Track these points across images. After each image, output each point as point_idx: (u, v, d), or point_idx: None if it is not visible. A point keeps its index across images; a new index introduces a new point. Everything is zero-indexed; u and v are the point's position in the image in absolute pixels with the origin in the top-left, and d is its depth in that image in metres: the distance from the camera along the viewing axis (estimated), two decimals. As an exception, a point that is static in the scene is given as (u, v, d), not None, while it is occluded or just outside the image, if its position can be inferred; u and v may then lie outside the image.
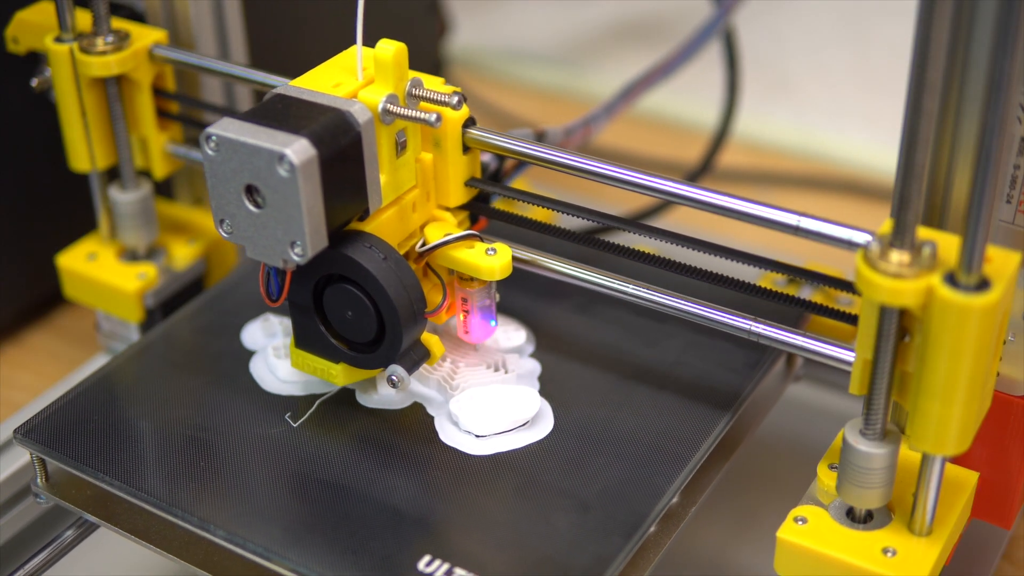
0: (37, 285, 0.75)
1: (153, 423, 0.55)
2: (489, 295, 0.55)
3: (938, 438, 0.44)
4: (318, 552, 0.48)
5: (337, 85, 0.51)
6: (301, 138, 0.47)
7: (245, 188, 0.48)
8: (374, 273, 0.50)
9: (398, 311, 0.50)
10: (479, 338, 0.55)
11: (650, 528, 0.49)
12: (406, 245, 0.54)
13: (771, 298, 0.52)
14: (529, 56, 1.08)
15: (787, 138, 0.95)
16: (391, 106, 0.50)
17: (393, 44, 0.50)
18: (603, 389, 0.56)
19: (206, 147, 0.48)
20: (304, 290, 0.52)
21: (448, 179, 0.54)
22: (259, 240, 0.49)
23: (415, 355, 0.52)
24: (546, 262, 0.55)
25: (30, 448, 0.54)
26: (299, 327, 0.53)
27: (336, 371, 0.53)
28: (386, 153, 0.51)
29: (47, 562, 0.55)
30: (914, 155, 0.42)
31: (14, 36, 0.64)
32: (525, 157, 0.53)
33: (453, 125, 0.53)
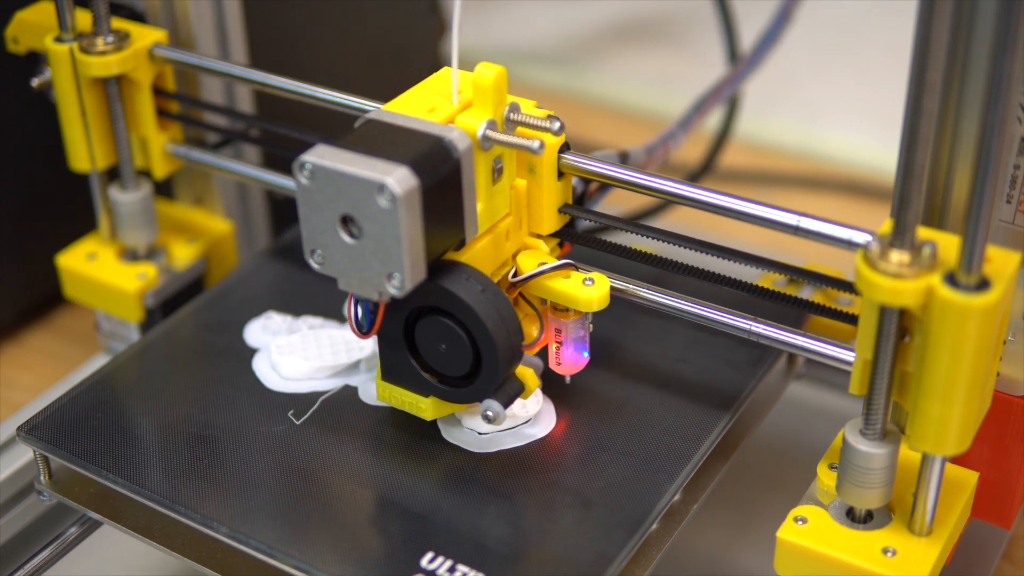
0: (37, 285, 0.75)
1: (156, 421, 0.55)
2: (583, 326, 0.53)
3: (938, 438, 0.44)
4: (321, 549, 0.48)
5: (432, 110, 0.49)
6: (402, 167, 0.45)
7: (340, 218, 0.46)
8: (473, 306, 0.48)
9: (496, 345, 0.48)
10: (571, 370, 0.54)
11: (652, 525, 0.49)
12: (499, 274, 0.52)
13: (771, 298, 0.52)
14: (529, 56, 1.08)
15: (787, 138, 0.95)
16: (491, 132, 0.49)
17: (493, 68, 0.49)
18: (606, 387, 0.56)
19: (300, 176, 0.46)
20: (395, 322, 0.50)
21: (542, 206, 0.52)
22: (354, 272, 0.47)
23: (510, 389, 0.50)
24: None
25: (33, 446, 0.54)
26: (387, 360, 0.52)
27: (425, 404, 0.52)
28: (483, 180, 0.49)
29: (50, 560, 0.55)
30: (914, 155, 0.42)
31: (14, 36, 0.64)
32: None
33: (550, 151, 0.51)
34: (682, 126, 0.67)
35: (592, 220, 0.53)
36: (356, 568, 0.47)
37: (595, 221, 0.53)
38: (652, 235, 0.52)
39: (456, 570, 0.47)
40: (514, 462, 0.52)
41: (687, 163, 0.86)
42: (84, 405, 0.55)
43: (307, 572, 0.48)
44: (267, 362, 0.57)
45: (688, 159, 0.87)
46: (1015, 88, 0.40)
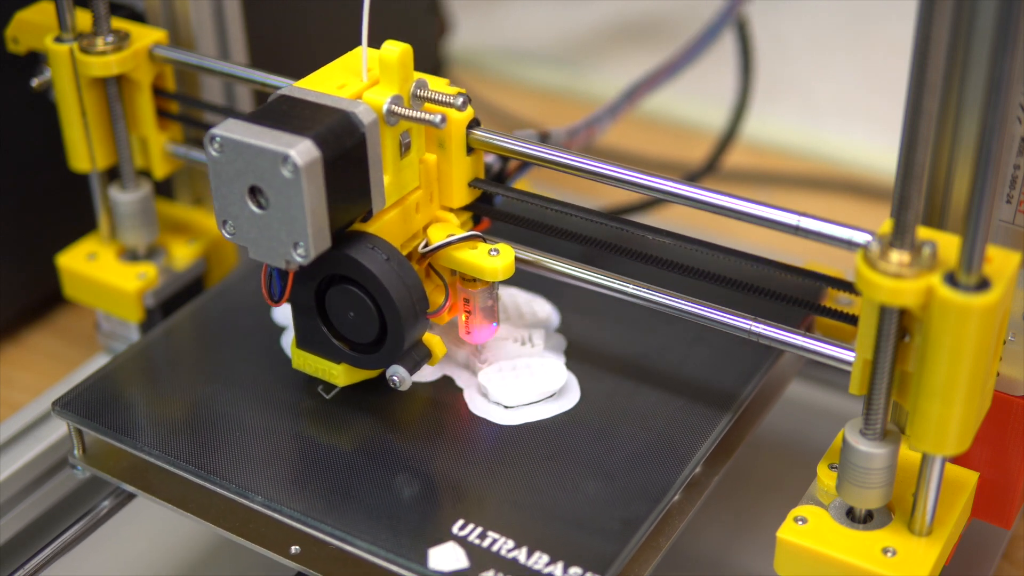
0: (37, 285, 0.75)
1: (189, 395, 0.56)
2: (491, 296, 0.55)
3: (938, 438, 0.44)
4: (355, 517, 0.49)
5: (342, 86, 0.51)
6: (305, 139, 0.47)
7: (249, 189, 0.48)
8: (376, 274, 0.50)
9: (400, 312, 0.50)
10: (480, 339, 0.56)
11: (675, 496, 0.50)
12: (409, 246, 0.54)
13: (771, 298, 0.52)
14: (529, 56, 1.08)
15: (788, 138, 0.95)
16: (396, 107, 0.50)
17: (399, 45, 0.50)
18: (627, 363, 0.57)
19: (210, 148, 0.48)
20: (306, 291, 0.52)
21: (452, 180, 0.54)
22: (262, 241, 0.49)
23: (416, 355, 0.53)
24: (549, 263, 0.55)
25: (68, 419, 0.55)
26: (301, 327, 0.53)
27: (337, 371, 0.54)
28: (390, 154, 0.51)
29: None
30: (914, 155, 0.42)
31: (14, 36, 0.64)
32: (528, 158, 0.53)
33: (457, 126, 0.53)
34: (610, 111, 0.68)
35: (503, 195, 0.55)
36: (389, 535, 0.49)
37: (507, 196, 0.55)
38: (652, 235, 0.53)
39: (487, 536, 0.48)
40: (540, 434, 0.53)
41: (690, 163, 0.86)
42: (117, 380, 0.57)
43: (342, 539, 0.49)
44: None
45: (691, 159, 0.87)
46: (1015, 88, 0.40)
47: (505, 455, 0.52)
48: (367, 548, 0.48)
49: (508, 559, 0.47)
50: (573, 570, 0.47)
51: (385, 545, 0.48)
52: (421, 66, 0.53)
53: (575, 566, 0.47)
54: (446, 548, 0.48)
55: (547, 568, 0.47)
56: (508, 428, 0.54)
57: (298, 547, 0.50)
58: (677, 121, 0.98)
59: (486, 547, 0.48)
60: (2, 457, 0.62)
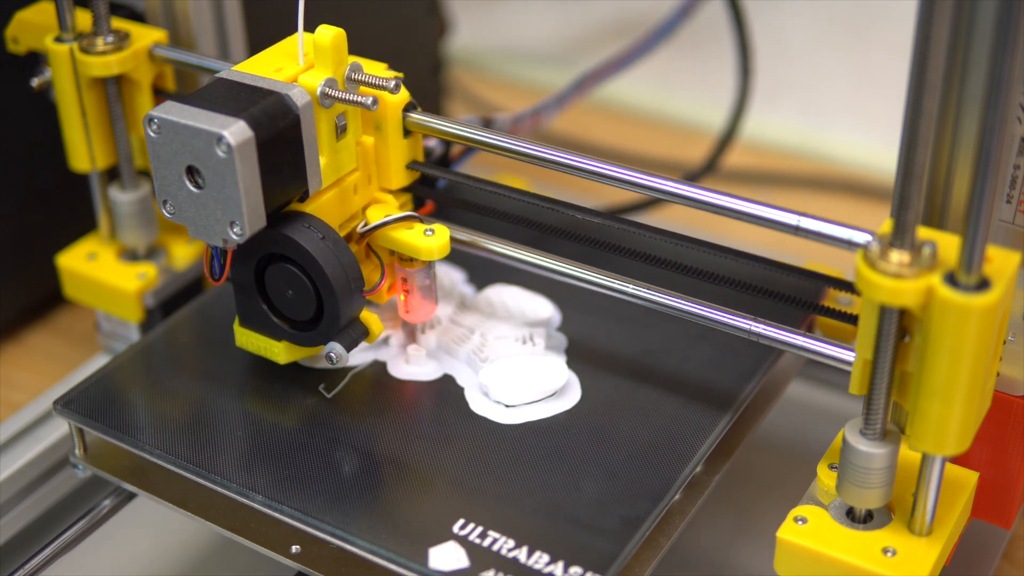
0: (37, 285, 0.75)
1: (189, 395, 0.56)
2: (429, 275, 0.56)
3: (938, 438, 0.44)
4: (355, 516, 0.50)
5: (279, 70, 0.52)
6: (239, 120, 0.48)
7: (186, 169, 0.49)
8: (311, 252, 0.51)
9: (335, 289, 0.51)
10: (420, 317, 0.56)
11: (675, 495, 0.50)
12: (348, 227, 0.55)
13: (771, 298, 0.52)
14: (529, 56, 1.08)
15: (788, 138, 0.95)
16: (329, 90, 0.52)
17: (332, 29, 0.52)
18: (629, 361, 0.57)
19: (149, 129, 0.50)
20: (246, 269, 0.53)
21: (389, 162, 0.55)
22: (200, 220, 0.50)
23: (354, 333, 0.54)
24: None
25: (69, 419, 0.55)
26: (242, 306, 0.55)
27: (278, 349, 0.55)
28: (325, 136, 0.52)
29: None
30: (914, 155, 0.42)
31: (14, 36, 0.64)
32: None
33: (393, 109, 0.54)
34: (557, 100, 0.69)
35: (440, 176, 0.57)
36: (390, 534, 0.49)
37: (446, 178, 0.57)
38: (652, 235, 0.53)
39: (487, 535, 0.48)
40: (540, 433, 0.53)
41: (689, 163, 0.86)
42: (118, 379, 0.57)
43: (342, 539, 0.49)
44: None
45: (691, 159, 0.87)
46: (1015, 88, 0.40)
47: (506, 454, 0.52)
48: (367, 548, 0.48)
49: (509, 558, 0.48)
50: (574, 569, 0.47)
51: (385, 544, 0.48)
52: (421, 66, 0.53)
53: (576, 565, 0.47)
54: (447, 548, 0.48)
55: (548, 567, 0.47)
56: (509, 427, 0.54)
57: (298, 547, 0.50)
58: (677, 121, 0.98)
59: (487, 546, 0.48)
60: (2, 457, 0.62)
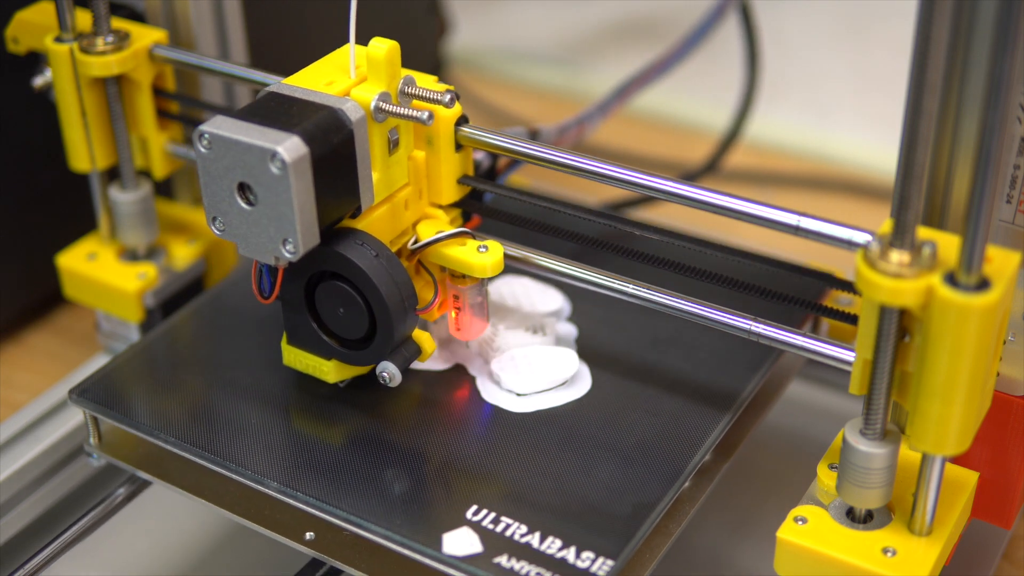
0: (37, 285, 0.75)
1: (204, 383, 0.56)
2: (481, 292, 0.55)
3: (938, 438, 0.44)
4: (370, 503, 0.50)
5: (330, 83, 0.51)
6: (293, 136, 0.47)
7: (238, 186, 0.48)
8: (365, 270, 0.50)
9: (389, 308, 0.51)
10: (470, 336, 0.56)
11: (686, 482, 0.51)
12: (398, 243, 0.54)
13: (771, 298, 0.52)
14: (529, 56, 1.08)
15: (788, 138, 0.95)
16: (384, 104, 0.51)
17: (386, 42, 0.51)
18: (638, 350, 0.57)
19: (199, 145, 0.48)
20: (296, 287, 0.53)
21: (440, 177, 0.55)
22: (251, 237, 0.49)
23: (406, 352, 0.53)
24: (538, 259, 0.55)
25: (84, 407, 0.55)
26: (291, 324, 0.54)
27: (327, 368, 0.54)
28: (378, 151, 0.52)
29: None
30: (914, 155, 0.42)
31: (14, 36, 0.64)
32: (517, 155, 0.54)
33: (445, 123, 0.53)
34: (600, 109, 0.69)
35: (492, 191, 0.56)
36: (404, 519, 0.49)
37: (495, 192, 0.56)
38: (652, 234, 0.53)
39: (500, 521, 0.49)
40: (552, 421, 0.54)
41: (690, 163, 0.86)
42: (133, 368, 0.57)
43: (356, 525, 0.49)
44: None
45: (691, 158, 0.87)
46: (1015, 88, 0.40)
47: (517, 442, 0.53)
48: (382, 533, 0.49)
49: (521, 544, 0.48)
50: (585, 554, 0.47)
51: (399, 531, 0.48)
52: (421, 66, 0.53)
53: (587, 551, 0.47)
54: (460, 533, 0.48)
55: (560, 553, 0.47)
56: (520, 415, 0.54)
57: (312, 533, 0.50)
58: (678, 121, 0.98)
59: (499, 532, 0.48)
60: (2, 457, 0.62)
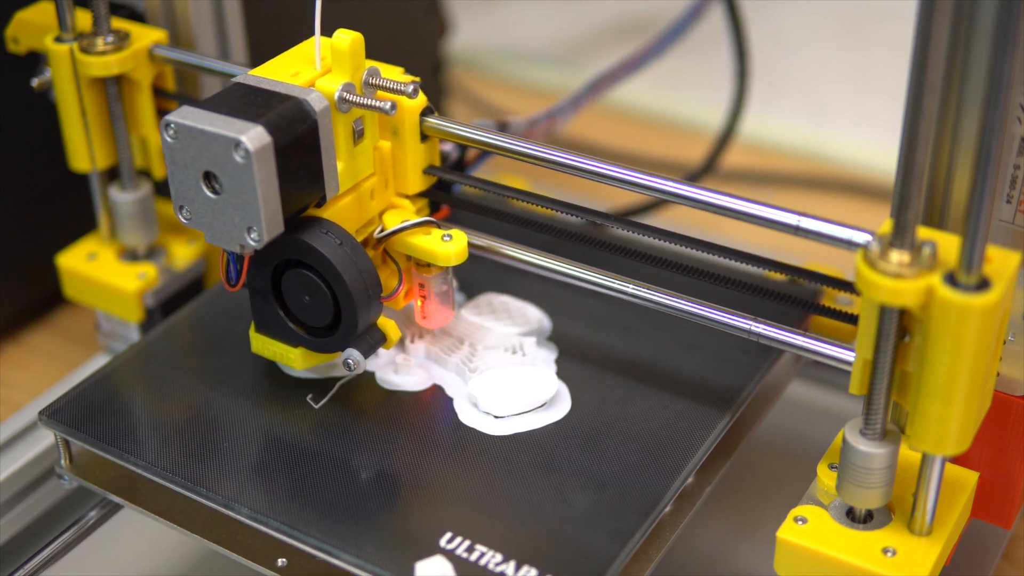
0: (37, 285, 0.75)
1: (177, 405, 0.56)
2: (446, 281, 0.55)
3: (938, 438, 0.44)
4: (342, 529, 0.49)
5: (296, 74, 0.52)
6: (257, 125, 0.48)
7: (203, 174, 0.49)
8: (329, 258, 0.51)
9: (353, 295, 0.51)
10: (437, 323, 0.56)
11: (666, 507, 0.50)
12: (365, 232, 0.55)
13: (771, 298, 0.52)
14: (529, 56, 1.08)
15: (787, 138, 0.95)
16: (347, 94, 0.51)
17: (350, 34, 0.51)
18: (619, 371, 0.57)
19: (165, 134, 0.49)
20: (262, 275, 0.53)
21: (406, 167, 0.55)
22: (217, 226, 0.50)
23: (371, 339, 0.53)
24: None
25: (55, 429, 0.55)
26: (258, 312, 0.54)
27: (295, 355, 0.54)
28: (343, 141, 0.52)
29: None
30: (914, 155, 0.42)
31: (14, 36, 0.64)
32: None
33: (410, 113, 0.54)
34: (572, 103, 0.68)
35: (457, 181, 0.56)
36: (376, 547, 0.48)
37: (462, 183, 0.56)
38: (652, 234, 0.53)
39: (474, 549, 0.48)
40: (530, 445, 0.53)
41: (689, 163, 0.86)
42: (105, 390, 0.57)
43: (328, 552, 0.48)
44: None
45: (690, 158, 0.87)
46: (1015, 88, 0.40)
47: (494, 466, 0.52)
48: (353, 561, 0.48)
49: (496, 573, 0.47)
50: None
51: (371, 558, 0.48)
52: (421, 66, 0.53)
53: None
54: (433, 562, 0.47)
55: None
56: (498, 438, 0.53)
57: (284, 560, 0.50)
58: (676, 121, 0.98)
59: (474, 560, 0.47)
60: (2, 457, 0.62)
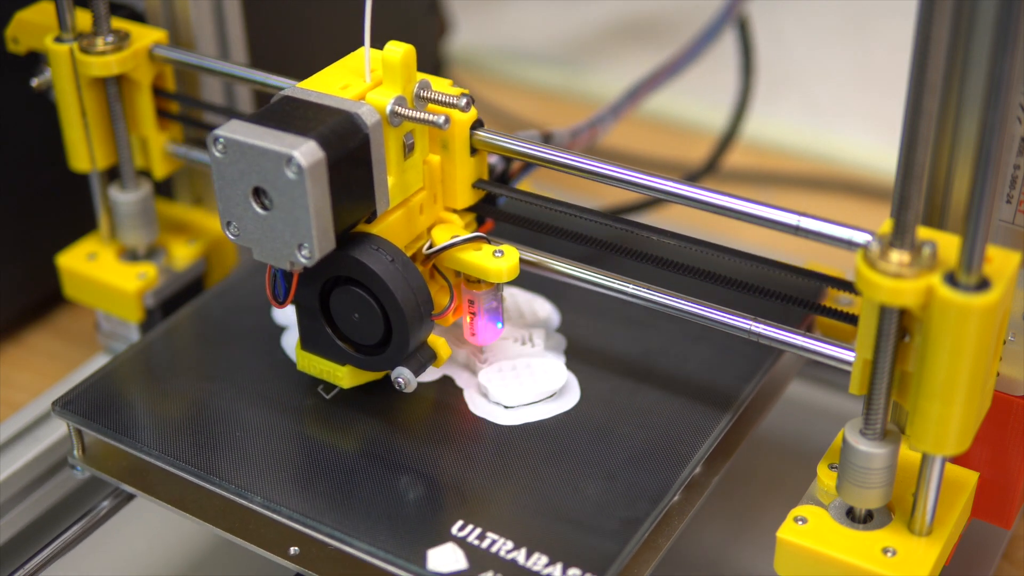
0: (37, 285, 0.75)
1: (189, 395, 0.56)
2: (496, 297, 0.55)
3: (938, 438, 0.44)
4: (354, 518, 0.49)
5: (345, 87, 0.51)
6: (309, 140, 0.47)
7: (253, 190, 0.48)
8: (381, 275, 0.50)
9: (405, 313, 0.50)
10: (485, 340, 0.55)
11: (675, 497, 0.50)
12: (413, 247, 0.54)
13: (771, 298, 0.52)
14: (529, 56, 1.08)
15: (788, 138, 0.95)
16: (399, 108, 0.50)
17: (401, 46, 0.50)
18: (627, 362, 0.57)
19: (214, 149, 0.48)
20: (311, 292, 0.52)
21: (455, 181, 0.54)
22: (266, 242, 0.49)
23: (422, 357, 0.53)
24: (553, 264, 0.55)
25: (68, 419, 0.55)
26: (305, 329, 0.53)
27: (342, 373, 0.54)
28: (394, 155, 0.51)
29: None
30: (914, 155, 0.42)
31: (14, 36, 0.64)
32: (532, 159, 0.53)
33: (461, 127, 0.53)
34: (613, 111, 0.68)
35: (506, 195, 0.55)
36: (389, 535, 0.49)
37: (510, 197, 0.55)
38: (652, 234, 0.53)
39: (486, 537, 0.48)
40: (540, 434, 0.53)
41: (690, 163, 0.86)
42: (117, 380, 0.57)
43: (340, 540, 0.49)
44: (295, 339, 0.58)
45: (691, 159, 0.87)
46: (1015, 88, 0.40)
47: (505, 456, 0.52)
48: (366, 549, 0.48)
49: (507, 560, 0.47)
50: (572, 571, 0.47)
51: (384, 546, 0.48)
52: (421, 66, 0.53)
53: (574, 567, 0.47)
54: (445, 549, 0.48)
55: (546, 569, 0.47)
56: (508, 428, 0.54)
57: (297, 548, 0.50)
58: (677, 121, 0.98)
59: (485, 548, 0.48)
60: (2, 457, 0.62)
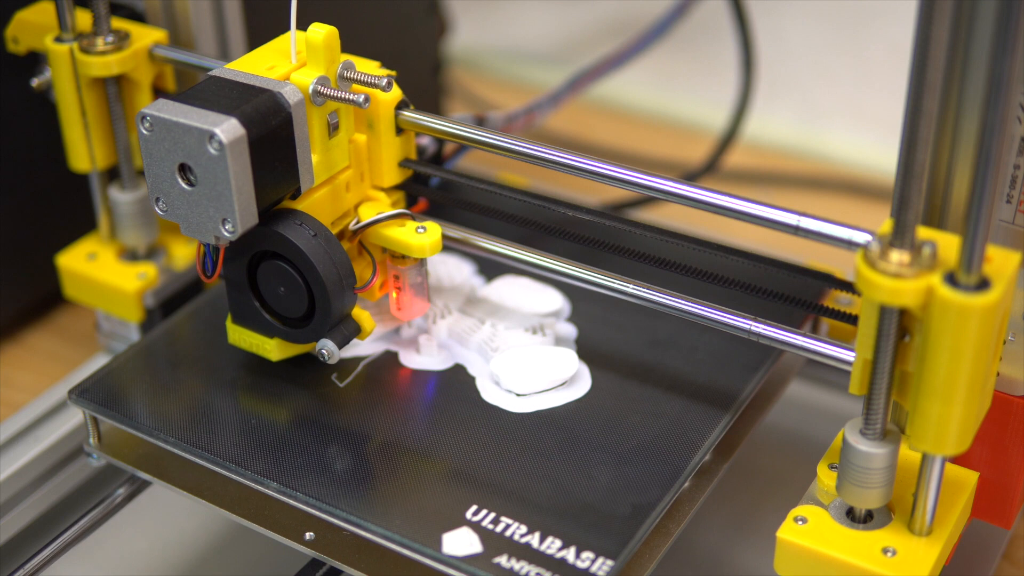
0: (37, 285, 0.75)
1: (204, 383, 0.56)
2: (421, 273, 0.56)
3: (938, 438, 0.44)
4: (370, 503, 0.50)
5: (271, 68, 0.53)
6: (231, 118, 0.49)
7: (179, 167, 0.50)
8: (303, 249, 0.51)
9: (327, 286, 0.52)
10: (411, 315, 0.57)
11: (685, 483, 0.51)
12: (340, 224, 0.55)
13: (771, 298, 0.52)
14: (529, 56, 1.08)
15: (788, 138, 0.95)
16: (322, 88, 0.52)
17: (324, 27, 0.52)
18: (638, 351, 0.57)
19: (141, 127, 0.50)
20: (238, 267, 0.54)
21: (381, 160, 0.55)
22: (192, 217, 0.50)
23: (346, 330, 0.54)
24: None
25: (84, 407, 0.55)
26: (235, 303, 0.55)
27: (270, 345, 0.55)
28: (318, 134, 0.53)
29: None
30: (914, 155, 0.42)
31: (14, 36, 0.64)
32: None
33: (385, 107, 0.54)
34: (551, 99, 0.69)
35: (432, 174, 0.57)
36: (403, 520, 0.49)
37: (438, 175, 0.57)
38: (652, 234, 0.53)
39: (500, 521, 0.49)
40: (552, 422, 0.54)
41: (689, 162, 0.86)
42: (133, 368, 0.57)
43: (356, 525, 0.49)
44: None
45: (691, 158, 0.87)
46: (1015, 88, 0.40)
47: (517, 442, 0.53)
48: (381, 533, 0.49)
49: (521, 544, 0.48)
50: (585, 554, 0.47)
51: (399, 530, 0.49)
52: (421, 66, 0.53)
53: (587, 551, 0.48)
54: (460, 533, 0.48)
55: (560, 553, 0.48)
56: (520, 416, 0.54)
57: (312, 533, 0.51)
58: (677, 121, 0.98)
59: (499, 532, 0.48)
60: (2, 457, 0.62)
